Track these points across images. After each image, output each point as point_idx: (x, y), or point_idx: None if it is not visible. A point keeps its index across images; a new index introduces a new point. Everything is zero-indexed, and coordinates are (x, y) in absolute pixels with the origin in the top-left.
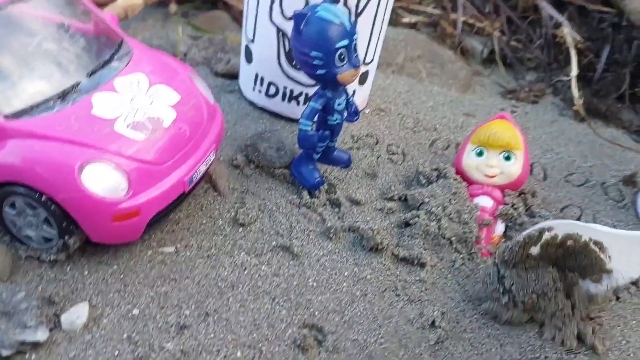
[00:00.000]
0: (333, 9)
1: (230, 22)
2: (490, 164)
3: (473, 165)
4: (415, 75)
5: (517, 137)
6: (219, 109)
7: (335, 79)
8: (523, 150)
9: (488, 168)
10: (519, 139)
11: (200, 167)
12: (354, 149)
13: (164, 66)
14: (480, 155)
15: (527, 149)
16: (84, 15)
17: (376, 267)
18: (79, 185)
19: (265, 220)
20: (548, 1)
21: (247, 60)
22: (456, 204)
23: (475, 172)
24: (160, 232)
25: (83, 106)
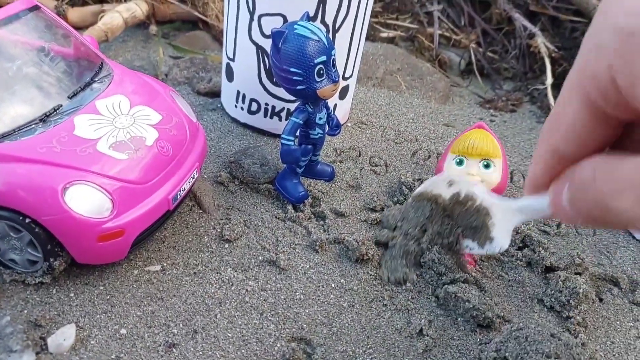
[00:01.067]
0: (310, 26)
1: (211, 42)
2: (470, 172)
3: (454, 175)
4: (395, 88)
5: (495, 145)
6: (201, 127)
7: (315, 94)
8: (501, 158)
9: (469, 177)
10: (497, 147)
11: (184, 185)
12: (337, 162)
13: (145, 87)
14: (461, 164)
15: (505, 156)
16: (63, 39)
17: (362, 277)
18: (62, 207)
19: (251, 236)
20: (521, 13)
21: (229, 79)
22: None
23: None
24: (146, 251)
25: (65, 128)
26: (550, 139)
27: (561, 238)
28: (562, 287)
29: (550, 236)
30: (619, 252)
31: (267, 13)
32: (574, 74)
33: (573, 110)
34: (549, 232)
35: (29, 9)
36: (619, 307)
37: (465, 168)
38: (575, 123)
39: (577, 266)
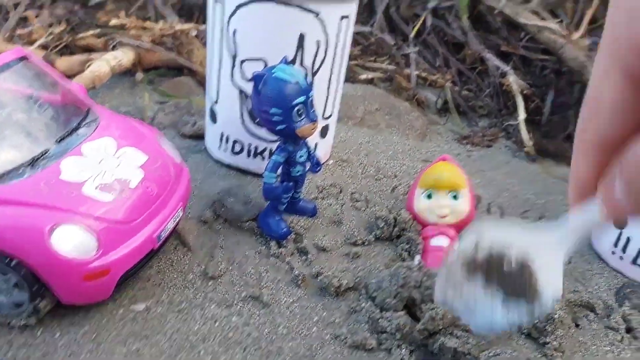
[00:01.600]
0: (289, 70)
1: (195, 87)
2: (440, 204)
3: (425, 208)
4: (374, 126)
5: (461, 176)
6: (185, 167)
7: (295, 133)
8: (467, 188)
9: (439, 209)
10: (462, 178)
11: (169, 224)
12: (319, 199)
13: (130, 130)
14: (430, 197)
15: (470, 186)
16: (52, 86)
17: (345, 310)
18: (49, 248)
19: (235, 272)
20: (493, 53)
21: (212, 121)
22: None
23: (429, 214)
24: (131, 289)
25: (52, 171)
26: (591, 127)
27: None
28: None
29: None
30: (594, 279)
31: (249, 58)
32: (605, 47)
33: (613, 87)
34: None
35: (19, 58)
36: (595, 332)
37: (434, 201)
38: (618, 101)
39: None
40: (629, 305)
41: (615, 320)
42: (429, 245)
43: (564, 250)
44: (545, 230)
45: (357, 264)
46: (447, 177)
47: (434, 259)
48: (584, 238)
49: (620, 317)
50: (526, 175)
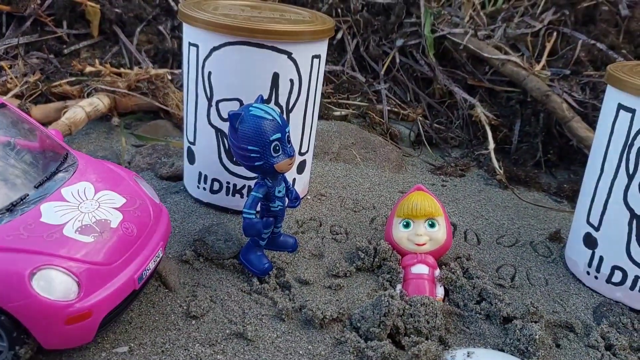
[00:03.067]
0: (264, 107)
1: (172, 129)
2: (418, 233)
3: (403, 237)
4: (350, 161)
5: (436, 205)
6: (164, 207)
7: (273, 168)
8: (443, 215)
9: (417, 237)
10: (438, 206)
11: (149, 264)
12: (299, 233)
13: (108, 173)
14: (407, 226)
15: (446, 214)
16: (29, 133)
17: (329, 342)
18: (30, 292)
19: (218, 310)
20: (460, 87)
21: (190, 162)
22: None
23: (407, 243)
24: (113, 333)
25: (32, 215)
26: None
27: (516, 290)
28: (519, 335)
29: (505, 289)
30: (571, 300)
31: (224, 98)
32: None
33: None
34: (504, 285)
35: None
36: (576, 351)
37: (412, 230)
38: None
39: (532, 315)
40: (606, 323)
41: (594, 339)
42: (410, 273)
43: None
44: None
45: (340, 295)
46: (423, 205)
47: (415, 286)
48: None
49: (599, 336)
50: (499, 201)
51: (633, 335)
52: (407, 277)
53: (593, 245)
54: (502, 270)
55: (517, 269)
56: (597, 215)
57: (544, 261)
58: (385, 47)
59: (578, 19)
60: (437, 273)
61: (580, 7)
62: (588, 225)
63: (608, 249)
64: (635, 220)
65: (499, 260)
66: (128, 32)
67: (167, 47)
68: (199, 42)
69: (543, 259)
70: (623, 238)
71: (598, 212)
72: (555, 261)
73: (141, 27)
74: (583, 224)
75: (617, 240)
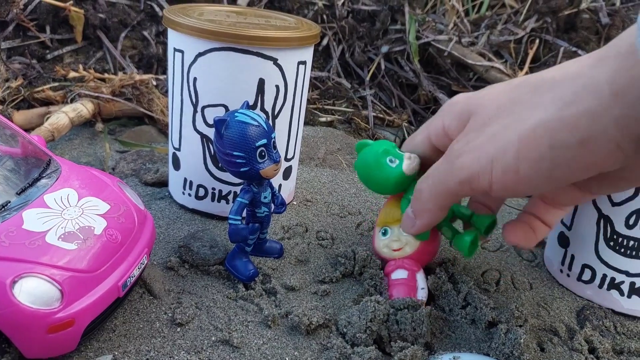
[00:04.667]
0: (250, 113)
1: (157, 135)
2: (393, 239)
3: (382, 246)
4: (336, 166)
5: None
6: (149, 214)
7: (259, 174)
8: None
9: (392, 242)
10: None
11: (134, 271)
12: (285, 239)
13: (92, 179)
14: (385, 234)
15: None
16: (11, 139)
17: (316, 348)
18: (11, 300)
19: (203, 317)
20: (445, 93)
21: (175, 168)
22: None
23: (385, 251)
24: (96, 341)
25: (14, 223)
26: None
27: (501, 294)
28: (504, 339)
29: (490, 293)
30: (555, 303)
31: (210, 104)
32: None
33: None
34: (489, 289)
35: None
36: (560, 355)
37: (390, 237)
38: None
39: (517, 319)
40: (590, 326)
41: (578, 342)
42: (390, 279)
43: None
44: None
45: (326, 301)
46: (395, 210)
47: (397, 291)
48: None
49: (582, 339)
50: None
51: (616, 338)
52: (389, 283)
53: (566, 244)
54: (487, 274)
55: (501, 273)
56: (570, 215)
57: (528, 265)
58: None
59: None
60: (419, 276)
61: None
62: (562, 225)
63: (578, 248)
64: (603, 220)
65: (484, 264)
66: (112, 37)
67: (152, 53)
68: (184, 48)
69: (527, 263)
70: (592, 237)
71: (570, 212)
72: (539, 265)
73: (125, 32)
74: (558, 224)
75: (586, 239)
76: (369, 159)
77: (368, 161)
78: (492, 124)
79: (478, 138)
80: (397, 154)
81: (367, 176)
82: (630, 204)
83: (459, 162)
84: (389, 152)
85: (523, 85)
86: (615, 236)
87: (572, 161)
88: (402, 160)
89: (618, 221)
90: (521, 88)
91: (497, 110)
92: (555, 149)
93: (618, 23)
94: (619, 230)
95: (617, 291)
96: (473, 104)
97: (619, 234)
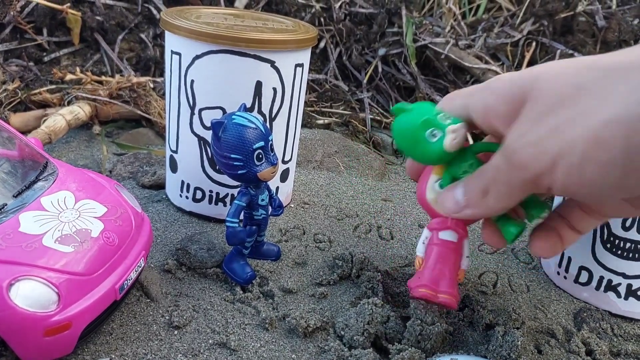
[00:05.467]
0: (247, 116)
1: (154, 138)
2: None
3: (436, 197)
4: (334, 169)
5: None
6: (146, 217)
7: (256, 176)
8: None
9: None
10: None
11: (131, 274)
12: (283, 242)
13: (89, 182)
14: (441, 187)
15: None
16: (8, 141)
17: (313, 351)
18: (8, 303)
19: (201, 320)
20: (442, 95)
21: (172, 170)
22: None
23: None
24: (93, 344)
25: (10, 225)
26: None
27: (498, 297)
28: (502, 341)
29: (487, 295)
30: (552, 306)
31: (207, 107)
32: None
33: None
34: (487, 291)
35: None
36: (557, 357)
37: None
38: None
39: (514, 321)
40: (587, 329)
41: (575, 344)
42: (437, 237)
43: None
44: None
45: (323, 304)
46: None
47: (438, 254)
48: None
49: (580, 341)
50: None
51: (613, 341)
52: (433, 241)
53: None
54: (485, 277)
55: (499, 275)
56: None
57: (525, 268)
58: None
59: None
60: (466, 243)
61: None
62: None
63: (575, 250)
64: None
65: (481, 267)
66: (109, 39)
67: (149, 55)
68: (182, 50)
69: (524, 265)
70: (589, 239)
71: None
72: (536, 268)
73: (123, 35)
74: None
75: (583, 241)
76: (406, 130)
77: (404, 133)
78: (554, 114)
79: (537, 130)
80: (440, 124)
81: (403, 147)
82: None
83: (517, 160)
84: (430, 123)
85: (589, 68)
86: (612, 238)
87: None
88: (444, 134)
89: (615, 223)
90: (587, 72)
91: (560, 98)
92: (631, 153)
93: (614, 26)
94: (616, 232)
95: (614, 293)
96: (528, 87)
97: (615, 236)
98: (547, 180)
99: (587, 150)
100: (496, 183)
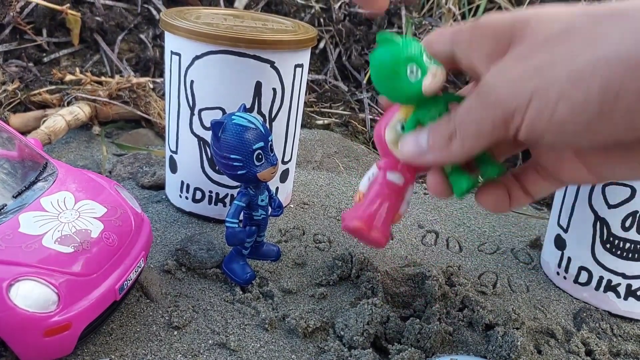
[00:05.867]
0: (247, 116)
1: (154, 138)
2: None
3: (394, 139)
4: (333, 169)
5: None
6: (146, 217)
7: (256, 177)
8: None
9: None
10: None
11: (131, 275)
12: (282, 242)
13: (89, 182)
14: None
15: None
16: (7, 142)
17: (313, 351)
18: (7, 304)
19: (200, 320)
20: None
21: (172, 171)
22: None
23: (392, 146)
24: (93, 345)
25: (10, 226)
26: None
27: (497, 297)
28: (501, 342)
29: (487, 296)
30: (552, 306)
31: (207, 107)
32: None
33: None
34: (486, 292)
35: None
36: (557, 357)
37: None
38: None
39: (514, 321)
40: (586, 329)
41: (575, 344)
42: (382, 177)
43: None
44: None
45: (323, 304)
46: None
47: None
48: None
49: (579, 341)
50: (481, 209)
51: (612, 341)
52: (378, 180)
53: (562, 246)
54: (484, 277)
55: (498, 276)
56: (566, 218)
57: (525, 268)
58: (367, 56)
59: None
60: (410, 189)
61: None
62: (558, 227)
63: (575, 250)
64: (599, 222)
65: (481, 267)
66: (109, 40)
67: (149, 56)
68: (181, 51)
69: (524, 265)
70: (588, 239)
71: (567, 214)
72: (536, 268)
73: (122, 35)
74: (555, 226)
75: (582, 241)
76: (386, 62)
77: (384, 65)
78: (537, 55)
79: (517, 69)
80: (423, 63)
81: (378, 80)
82: (627, 206)
83: (493, 96)
84: (413, 60)
85: (583, 14)
86: (612, 238)
87: (625, 114)
88: (424, 75)
89: (614, 223)
90: (579, 17)
91: (546, 40)
92: (607, 93)
93: None
94: (616, 232)
95: (613, 293)
96: (517, 27)
97: (615, 236)
98: (518, 119)
99: (564, 89)
100: (465, 124)
